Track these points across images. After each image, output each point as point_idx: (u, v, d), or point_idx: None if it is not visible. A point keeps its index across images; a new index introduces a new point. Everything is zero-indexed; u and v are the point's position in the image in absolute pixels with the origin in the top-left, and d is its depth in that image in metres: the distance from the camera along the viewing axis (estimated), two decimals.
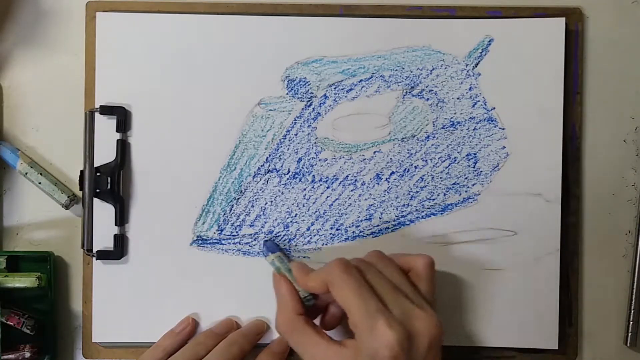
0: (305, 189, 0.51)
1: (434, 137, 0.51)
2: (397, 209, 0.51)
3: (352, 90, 0.51)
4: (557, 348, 0.50)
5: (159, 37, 0.50)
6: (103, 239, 0.50)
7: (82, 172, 0.49)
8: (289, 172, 0.51)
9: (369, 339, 0.38)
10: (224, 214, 0.50)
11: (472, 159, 0.51)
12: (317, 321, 0.46)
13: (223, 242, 0.50)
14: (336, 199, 0.51)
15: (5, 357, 0.49)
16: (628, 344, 0.51)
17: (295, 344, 0.42)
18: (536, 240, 0.50)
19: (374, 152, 0.51)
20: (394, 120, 0.51)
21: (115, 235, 0.50)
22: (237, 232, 0.50)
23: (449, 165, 0.51)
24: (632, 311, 0.51)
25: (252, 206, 0.51)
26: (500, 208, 0.50)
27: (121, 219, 0.50)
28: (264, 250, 0.49)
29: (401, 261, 0.44)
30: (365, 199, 0.51)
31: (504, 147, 0.51)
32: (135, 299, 0.50)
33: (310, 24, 0.51)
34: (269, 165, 0.51)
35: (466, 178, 0.51)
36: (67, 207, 0.51)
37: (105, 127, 0.50)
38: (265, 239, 0.50)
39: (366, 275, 0.41)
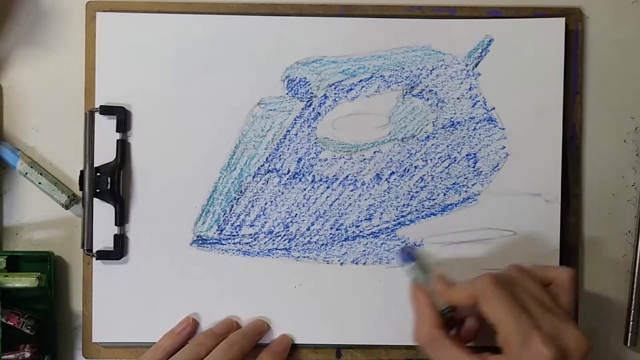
0: (305, 189, 0.51)
1: (434, 137, 0.51)
2: (397, 209, 0.51)
3: (352, 90, 0.51)
4: None
5: (159, 37, 0.50)
6: (103, 239, 0.50)
7: (82, 172, 0.49)
8: (289, 172, 0.51)
9: (521, 355, 0.38)
10: (224, 214, 0.50)
11: (472, 159, 0.51)
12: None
13: (223, 242, 0.50)
14: (336, 199, 0.51)
15: (5, 357, 0.49)
16: (628, 344, 0.51)
17: (435, 356, 0.42)
18: (536, 240, 0.50)
19: (374, 152, 0.51)
20: (394, 120, 0.51)
21: (115, 235, 0.50)
22: (237, 232, 0.50)
23: (449, 165, 0.51)
24: (632, 311, 0.51)
25: (252, 206, 0.51)
26: (500, 208, 0.50)
27: (121, 219, 0.50)
28: (402, 258, 0.48)
29: (540, 274, 0.43)
30: (365, 199, 0.51)
31: (504, 147, 0.51)
32: (135, 299, 0.50)
33: (310, 24, 0.51)
34: (269, 165, 0.51)
35: (466, 178, 0.51)
36: (67, 207, 0.51)
37: (105, 127, 0.50)
38: (402, 246, 0.50)
39: (514, 290, 0.40)
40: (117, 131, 0.50)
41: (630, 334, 0.51)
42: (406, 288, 0.50)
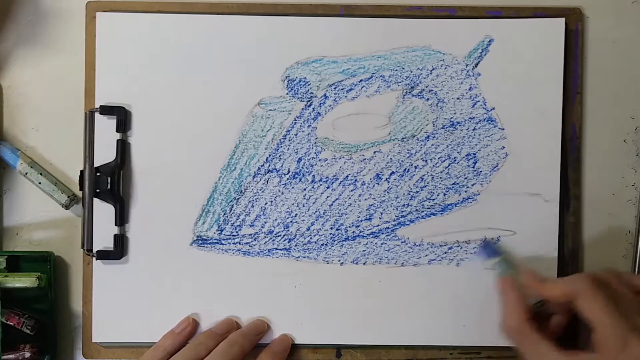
0: (305, 189, 0.51)
1: (434, 137, 0.51)
2: (397, 209, 0.51)
3: (352, 90, 0.51)
4: None
5: (159, 37, 0.50)
6: (103, 239, 0.50)
7: (82, 172, 0.49)
8: (289, 172, 0.51)
9: (618, 355, 0.38)
10: (224, 214, 0.50)
11: (471, 159, 0.51)
12: None
13: (223, 242, 0.50)
14: (336, 199, 0.51)
15: (5, 357, 0.49)
16: None
17: (523, 349, 0.43)
18: (535, 240, 0.50)
19: (374, 152, 0.51)
20: (394, 120, 0.51)
21: (115, 235, 0.50)
22: (237, 232, 0.50)
23: (449, 165, 0.51)
24: None
25: (252, 206, 0.51)
26: (500, 208, 0.50)
27: (121, 219, 0.50)
28: (486, 253, 0.49)
29: (634, 282, 0.43)
30: (365, 199, 0.51)
31: (504, 147, 0.51)
32: (135, 299, 0.50)
33: (310, 24, 0.51)
34: (269, 165, 0.51)
35: (466, 178, 0.51)
36: (67, 207, 0.51)
37: (105, 127, 0.50)
38: (484, 241, 0.50)
39: (612, 292, 0.41)
40: (117, 131, 0.50)
41: None
42: (406, 288, 0.50)
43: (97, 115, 0.50)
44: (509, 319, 0.43)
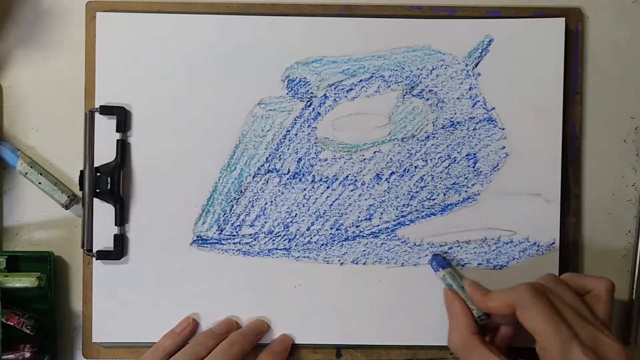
0: (305, 189, 0.51)
1: (434, 137, 0.51)
2: (397, 209, 0.51)
3: (352, 90, 0.51)
4: None
5: (159, 37, 0.50)
6: (103, 239, 0.50)
7: (82, 172, 0.49)
8: (289, 172, 0.51)
9: None
10: (224, 214, 0.50)
11: (471, 159, 0.51)
12: None
13: (223, 242, 0.50)
14: (336, 199, 0.51)
15: (5, 357, 0.49)
16: (628, 344, 0.51)
17: None
18: (536, 240, 0.50)
19: (374, 152, 0.51)
20: (394, 120, 0.51)
21: (115, 235, 0.50)
22: (237, 232, 0.50)
23: (449, 165, 0.51)
24: (633, 311, 0.51)
25: (252, 206, 0.51)
26: (500, 208, 0.50)
27: (121, 219, 0.50)
28: (433, 266, 0.49)
29: (576, 284, 0.43)
30: (365, 199, 0.51)
31: (504, 147, 0.51)
32: (135, 299, 0.50)
33: (310, 24, 0.51)
34: (269, 165, 0.51)
35: (466, 178, 0.51)
36: (67, 207, 0.51)
37: (105, 127, 0.50)
38: (434, 253, 0.50)
39: (552, 300, 0.40)
40: (117, 131, 0.50)
41: (630, 334, 0.51)
42: (406, 288, 0.50)
43: (97, 115, 0.50)
44: (456, 333, 0.43)
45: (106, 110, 0.50)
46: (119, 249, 0.50)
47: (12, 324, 0.49)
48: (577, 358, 0.37)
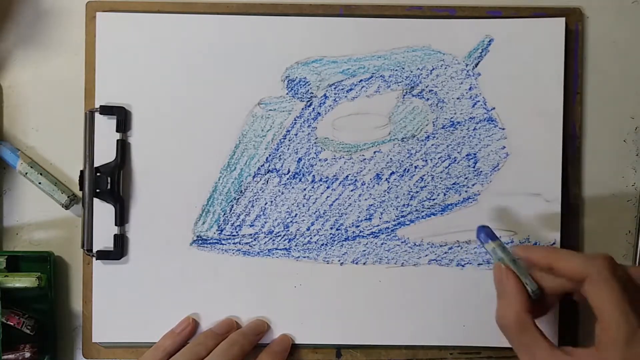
0: (305, 189, 0.51)
1: (434, 137, 0.51)
2: (397, 209, 0.51)
3: (352, 90, 0.51)
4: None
5: (159, 37, 0.50)
6: (103, 239, 0.50)
7: (82, 172, 0.49)
8: (289, 172, 0.51)
9: (624, 350, 0.35)
10: (224, 214, 0.50)
11: (472, 159, 0.51)
12: None
13: (223, 242, 0.50)
14: (336, 199, 0.51)
15: (5, 357, 0.49)
16: None
17: (517, 343, 0.40)
18: (536, 240, 0.50)
19: (374, 152, 0.51)
20: (394, 120, 0.51)
21: (115, 235, 0.50)
22: (237, 232, 0.50)
23: (449, 165, 0.51)
24: None
25: (252, 206, 0.51)
26: (500, 208, 0.50)
27: (121, 219, 0.50)
28: (481, 237, 0.44)
29: (636, 275, 0.40)
30: (365, 199, 0.51)
31: (504, 147, 0.51)
32: (135, 299, 0.50)
33: (310, 24, 0.51)
34: (269, 165, 0.51)
35: (466, 178, 0.51)
36: (67, 207, 0.51)
37: (105, 127, 0.50)
38: (481, 225, 0.45)
39: (627, 284, 0.38)
40: (117, 131, 0.50)
41: None
42: (406, 288, 0.50)
43: (97, 115, 0.50)
44: (508, 309, 0.40)
45: (106, 110, 0.50)
46: (119, 249, 0.50)
47: (12, 324, 0.49)
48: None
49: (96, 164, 0.50)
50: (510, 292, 0.41)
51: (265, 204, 0.51)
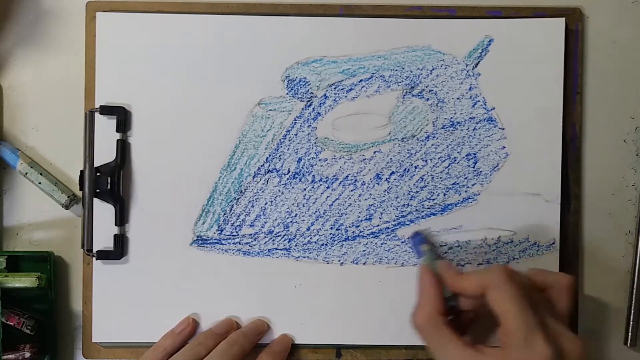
0: (305, 189, 0.51)
1: (434, 137, 0.51)
2: (397, 209, 0.51)
3: (352, 90, 0.51)
4: None
5: (159, 37, 0.50)
6: (103, 239, 0.50)
7: (82, 172, 0.49)
8: (289, 172, 0.51)
9: (522, 351, 0.37)
10: (224, 214, 0.50)
11: (472, 159, 0.51)
12: None
13: (223, 242, 0.50)
14: (336, 199, 0.51)
15: (5, 357, 0.49)
16: (628, 344, 0.51)
17: (430, 342, 0.41)
18: (536, 240, 0.50)
19: (374, 152, 0.51)
20: (394, 120, 0.51)
21: (115, 235, 0.50)
22: (237, 232, 0.50)
23: (449, 165, 0.51)
24: (632, 311, 0.51)
25: (252, 206, 0.51)
26: (500, 208, 0.50)
27: (121, 219, 0.50)
28: (417, 239, 0.45)
29: (538, 278, 0.42)
30: (365, 199, 0.51)
31: (504, 147, 0.51)
32: (135, 299, 0.50)
33: (310, 24, 0.51)
34: (269, 165, 0.51)
35: (466, 178, 0.51)
36: (67, 207, 0.51)
37: (105, 127, 0.50)
38: (416, 230, 0.47)
39: (523, 286, 0.40)
40: (117, 131, 0.50)
41: (630, 334, 0.51)
42: (406, 288, 0.50)
43: (97, 115, 0.50)
44: (422, 309, 0.42)
45: (106, 110, 0.50)
46: (119, 249, 0.50)
47: (12, 324, 0.49)
48: (539, 346, 0.37)
49: (96, 164, 0.50)
50: (426, 293, 0.42)
51: (265, 204, 0.51)
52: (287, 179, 0.51)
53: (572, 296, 0.42)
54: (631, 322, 0.51)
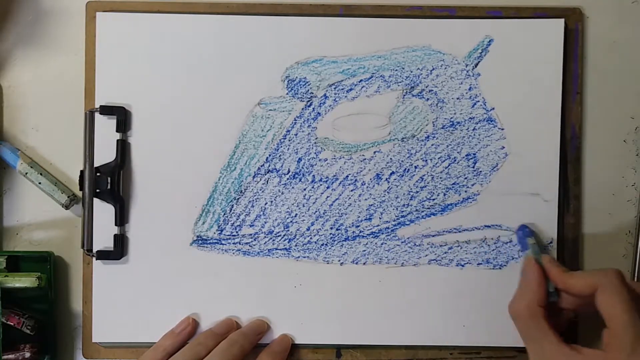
0: (305, 189, 0.51)
1: (434, 137, 0.51)
2: (397, 209, 0.51)
3: (352, 90, 0.51)
4: None
5: (159, 37, 0.50)
6: (103, 239, 0.50)
7: (82, 172, 0.49)
8: (289, 172, 0.51)
9: (627, 356, 0.37)
10: (224, 214, 0.50)
11: (471, 159, 0.51)
12: None
13: (223, 242, 0.50)
14: (336, 199, 0.51)
15: (5, 357, 0.49)
16: None
17: (526, 332, 0.42)
18: (535, 240, 0.50)
19: (374, 152, 0.51)
20: (394, 120, 0.51)
21: (115, 235, 0.50)
22: (237, 232, 0.51)
23: (449, 165, 0.51)
24: None
25: (252, 206, 0.51)
26: (500, 208, 0.50)
27: (121, 219, 0.50)
28: (524, 232, 0.48)
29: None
30: (365, 199, 0.51)
31: (504, 147, 0.51)
32: (135, 299, 0.50)
33: (310, 24, 0.51)
34: (269, 165, 0.51)
35: (466, 178, 0.51)
36: (67, 207, 0.51)
37: (105, 127, 0.50)
38: (522, 224, 0.49)
39: (632, 293, 0.40)
40: (117, 131, 0.50)
41: None
42: (406, 288, 0.50)
43: (97, 115, 0.50)
44: (522, 299, 0.42)
45: (106, 110, 0.50)
46: (119, 249, 0.50)
47: (12, 324, 0.49)
48: None
49: (96, 164, 0.50)
50: (530, 283, 0.43)
51: (265, 204, 0.51)
52: (287, 179, 0.51)
53: None
54: None
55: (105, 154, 0.50)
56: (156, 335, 0.49)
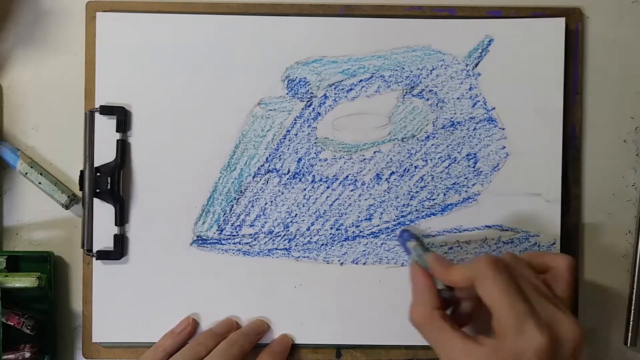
0: (305, 189, 0.51)
1: (434, 137, 0.51)
2: (397, 209, 0.51)
3: (352, 90, 0.51)
4: None
5: (159, 37, 0.50)
6: (103, 239, 0.50)
7: (82, 172, 0.49)
8: (289, 172, 0.51)
9: (515, 340, 0.37)
10: (224, 214, 0.50)
11: (472, 159, 0.51)
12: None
13: (223, 242, 0.50)
14: (336, 199, 0.51)
15: (5, 357, 0.49)
16: (628, 344, 0.51)
17: (429, 338, 0.41)
18: (536, 241, 0.50)
19: (374, 152, 0.51)
20: (394, 120, 0.51)
21: (115, 235, 0.50)
22: (237, 232, 0.50)
23: (449, 165, 0.51)
24: (632, 311, 0.51)
25: (252, 206, 0.51)
26: (500, 208, 0.50)
27: (121, 219, 0.50)
28: (404, 236, 0.47)
29: (537, 261, 0.42)
30: (365, 199, 0.51)
31: (504, 147, 0.51)
32: (135, 299, 0.50)
33: (310, 24, 0.51)
34: (269, 165, 0.51)
35: (466, 178, 0.51)
36: (67, 207, 0.51)
37: (105, 127, 0.50)
38: (403, 228, 0.49)
39: (512, 274, 0.39)
40: (117, 131, 0.50)
41: (630, 334, 0.51)
42: (406, 288, 0.50)
43: (97, 115, 0.50)
44: (417, 307, 0.42)
45: (106, 110, 0.50)
46: (119, 249, 0.50)
47: (12, 324, 0.49)
48: (531, 333, 0.36)
49: (96, 164, 0.50)
50: (419, 289, 0.42)
51: (265, 204, 0.51)
52: (287, 179, 0.51)
53: (573, 277, 0.42)
54: (631, 322, 0.51)
55: (105, 154, 0.50)
56: (156, 335, 0.49)
